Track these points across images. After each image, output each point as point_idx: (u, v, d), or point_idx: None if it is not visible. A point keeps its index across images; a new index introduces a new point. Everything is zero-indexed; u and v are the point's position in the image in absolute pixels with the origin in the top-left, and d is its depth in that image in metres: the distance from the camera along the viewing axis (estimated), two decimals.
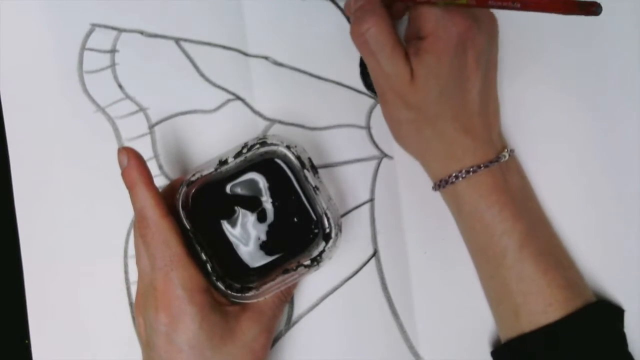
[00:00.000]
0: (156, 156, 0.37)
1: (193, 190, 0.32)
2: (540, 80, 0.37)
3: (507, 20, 0.35)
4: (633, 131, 0.37)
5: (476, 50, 0.31)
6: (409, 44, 0.32)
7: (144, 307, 0.31)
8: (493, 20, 0.33)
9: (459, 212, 0.34)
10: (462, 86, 0.31)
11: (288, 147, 0.32)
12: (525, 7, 0.27)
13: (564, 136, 0.37)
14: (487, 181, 0.32)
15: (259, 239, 0.34)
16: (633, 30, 0.37)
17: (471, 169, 0.32)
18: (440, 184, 0.33)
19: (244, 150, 0.32)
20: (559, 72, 0.37)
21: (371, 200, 0.37)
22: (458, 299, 0.37)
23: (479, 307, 0.36)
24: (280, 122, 0.37)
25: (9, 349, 0.37)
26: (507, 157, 0.33)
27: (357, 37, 0.32)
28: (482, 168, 0.32)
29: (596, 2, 0.25)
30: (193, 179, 0.32)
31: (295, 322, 0.37)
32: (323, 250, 0.32)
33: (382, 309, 0.37)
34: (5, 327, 0.37)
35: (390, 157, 0.38)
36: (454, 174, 0.32)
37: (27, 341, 0.36)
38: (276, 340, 0.37)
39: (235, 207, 0.34)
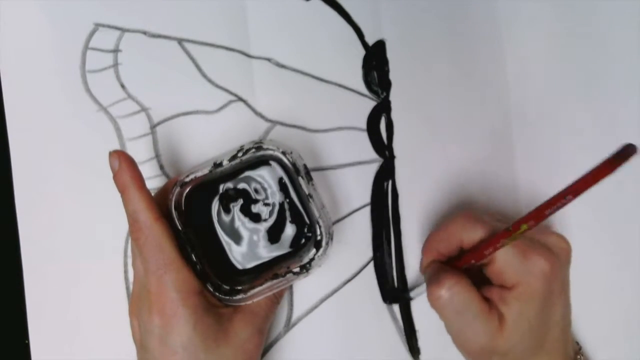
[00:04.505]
0: (157, 156, 0.37)
1: (187, 191, 0.32)
2: (546, 84, 0.38)
3: (509, 21, 0.35)
4: (634, 132, 0.38)
5: (560, 280, 0.31)
6: (491, 293, 0.31)
7: (138, 309, 0.31)
8: (566, 244, 0.32)
9: None
10: (548, 316, 0.31)
11: (284, 152, 0.31)
12: (577, 193, 0.26)
13: (566, 137, 0.38)
14: None
15: (251, 240, 0.34)
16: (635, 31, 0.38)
17: None
18: None
19: (239, 154, 0.32)
20: (563, 73, 0.38)
21: (371, 203, 0.37)
22: None
23: None
24: (282, 123, 0.37)
25: (9, 349, 0.37)
26: None
27: (437, 300, 0.31)
28: None
29: (630, 145, 0.23)
30: (187, 179, 0.32)
31: (294, 324, 0.37)
32: (313, 258, 0.31)
33: (381, 311, 0.37)
34: (5, 327, 0.37)
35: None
36: None
37: (26, 341, 0.36)
38: (275, 342, 0.37)
39: (229, 208, 0.34)
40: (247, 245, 0.34)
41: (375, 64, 0.37)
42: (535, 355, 0.31)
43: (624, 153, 0.23)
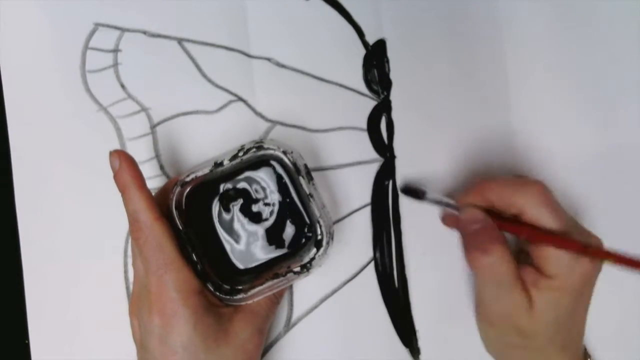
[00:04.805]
0: (157, 156, 0.37)
1: (187, 190, 0.32)
2: (546, 84, 0.38)
3: (509, 21, 0.35)
4: (634, 132, 0.38)
5: (592, 287, 0.32)
6: (525, 272, 0.31)
7: (138, 309, 0.31)
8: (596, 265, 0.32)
9: None
10: (574, 315, 0.32)
11: (284, 152, 0.31)
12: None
13: (566, 137, 0.38)
14: None
15: (251, 240, 0.34)
16: (635, 31, 0.38)
17: None
18: None
19: (240, 154, 0.32)
20: (564, 74, 0.38)
21: (371, 203, 0.37)
22: (456, 301, 0.37)
23: None
24: (282, 123, 0.37)
25: (9, 349, 0.37)
26: None
27: (478, 267, 0.31)
28: None
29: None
30: (187, 179, 0.32)
31: (295, 324, 0.37)
32: (313, 258, 0.31)
33: (381, 311, 0.37)
34: (5, 327, 0.37)
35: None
36: None
37: (26, 341, 0.36)
38: (275, 342, 0.37)
39: (229, 208, 0.34)
40: (247, 245, 0.34)
41: (376, 64, 0.37)
42: (560, 354, 0.32)
43: None
